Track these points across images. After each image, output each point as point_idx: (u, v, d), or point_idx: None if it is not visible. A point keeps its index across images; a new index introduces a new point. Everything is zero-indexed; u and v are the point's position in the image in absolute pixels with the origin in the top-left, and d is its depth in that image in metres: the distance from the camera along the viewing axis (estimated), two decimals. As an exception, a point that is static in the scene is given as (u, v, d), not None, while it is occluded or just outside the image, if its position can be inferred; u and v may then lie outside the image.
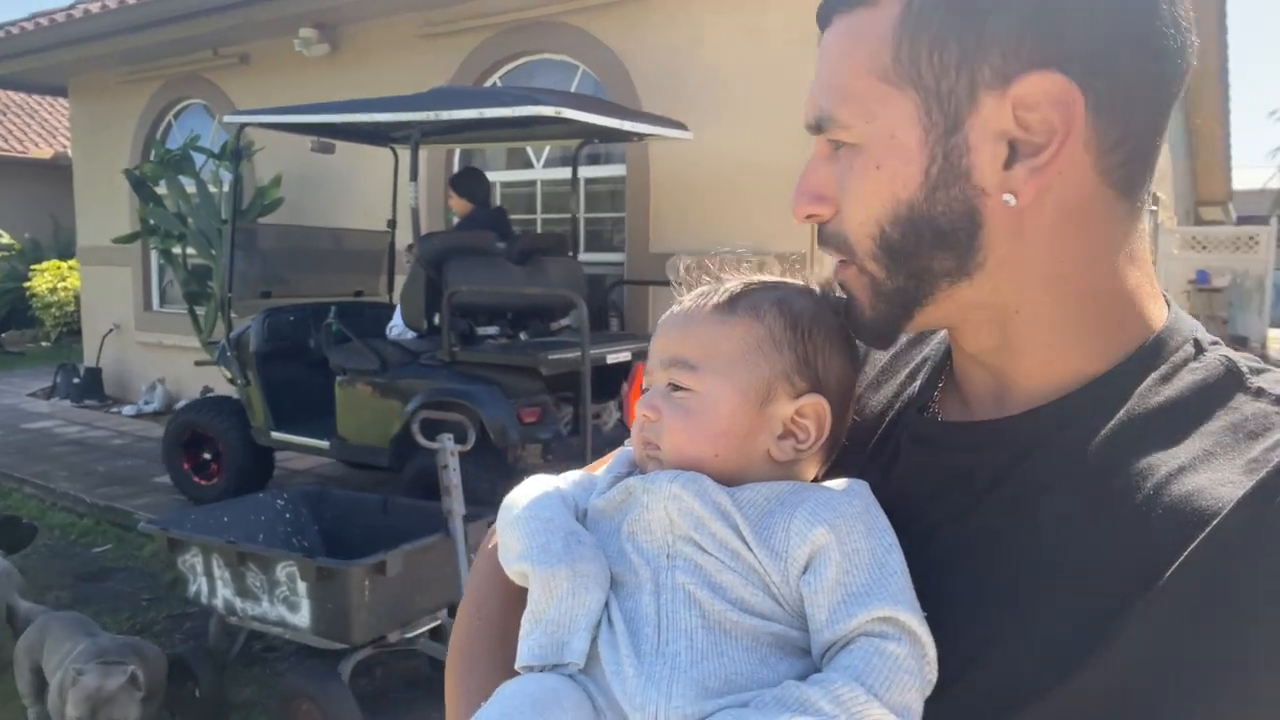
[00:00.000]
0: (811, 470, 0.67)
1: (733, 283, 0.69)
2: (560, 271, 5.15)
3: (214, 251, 6.64)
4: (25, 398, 8.91)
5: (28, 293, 11.83)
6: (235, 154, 5.36)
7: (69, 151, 10.62)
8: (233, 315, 5.20)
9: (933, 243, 0.58)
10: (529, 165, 6.34)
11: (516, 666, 0.62)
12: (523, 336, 4.86)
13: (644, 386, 0.69)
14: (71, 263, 11.25)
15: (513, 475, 3.95)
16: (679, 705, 0.55)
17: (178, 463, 5.46)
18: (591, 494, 0.69)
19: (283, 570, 2.91)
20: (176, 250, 7.19)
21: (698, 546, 0.60)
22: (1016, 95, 0.53)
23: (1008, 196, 0.55)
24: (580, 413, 4.23)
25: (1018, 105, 0.53)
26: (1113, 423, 0.56)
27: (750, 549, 0.59)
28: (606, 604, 0.62)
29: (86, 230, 9.10)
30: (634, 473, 0.67)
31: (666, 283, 0.83)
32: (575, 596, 0.61)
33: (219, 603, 3.11)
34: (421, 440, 3.21)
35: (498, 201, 5.88)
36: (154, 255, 8.16)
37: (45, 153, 15.56)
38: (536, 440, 4.17)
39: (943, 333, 0.70)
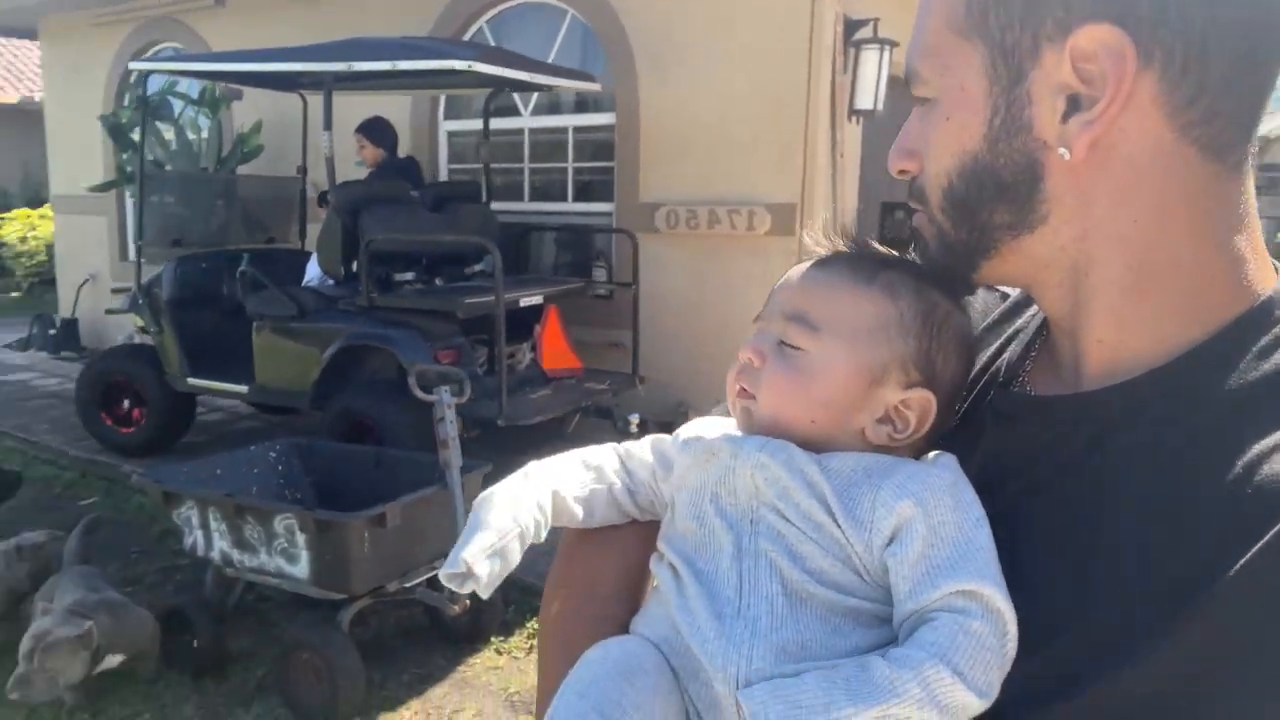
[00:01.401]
0: (906, 455, 0.66)
1: (877, 255, 0.68)
2: (473, 218, 5.26)
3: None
4: (1, 349, 8.77)
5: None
6: (141, 100, 5.53)
7: (36, 96, 10.33)
8: (143, 263, 5.29)
9: (994, 194, 0.58)
10: (516, 113, 6.23)
11: (440, 576, 0.64)
12: (438, 282, 4.99)
13: (755, 330, 0.68)
14: (43, 211, 11.01)
15: (431, 416, 3.68)
16: (760, 667, 0.56)
17: (95, 413, 5.44)
18: (691, 451, 0.68)
19: (281, 523, 2.90)
20: (154, 198, 7.03)
21: (781, 515, 0.61)
22: (1074, 46, 0.53)
23: (1063, 150, 0.55)
24: (495, 353, 4.42)
25: (1076, 57, 0.53)
26: (1201, 399, 0.54)
27: (835, 521, 0.59)
28: (675, 564, 0.64)
29: (59, 178, 8.89)
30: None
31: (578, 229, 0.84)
32: (490, 513, 0.65)
33: (216, 555, 3.10)
34: (418, 393, 3.18)
35: (484, 151, 5.84)
36: (130, 204, 7.99)
37: (12, 97, 15.12)
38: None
39: (1036, 307, 0.70)
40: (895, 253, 0.69)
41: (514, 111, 6.22)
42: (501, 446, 4.21)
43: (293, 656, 2.92)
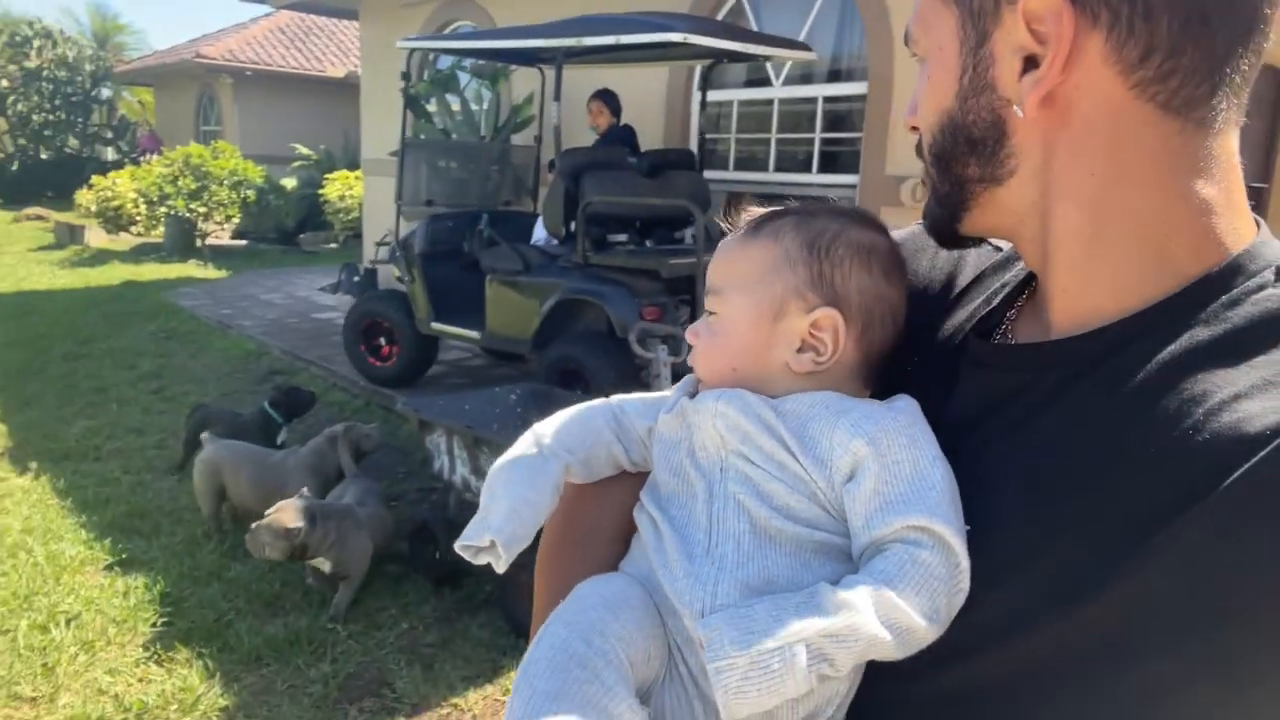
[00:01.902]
0: (851, 386, 0.68)
1: (770, 213, 0.71)
2: (686, 185, 5.44)
3: (471, 165, 7.20)
4: (315, 291, 10.14)
5: (321, 199, 13.33)
6: (405, 76, 6.12)
7: (358, 71, 11.75)
8: (401, 220, 5.92)
9: (966, 149, 0.61)
10: (767, 83, 6.26)
11: (455, 547, 0.67)
12: (649, 244, 5.35)
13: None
14: (358, 173, 12.54)
15: (634, 366, 4.09)
16: (723, 602, 0.59)
17: (356, 347, 6.21)
18: (664, 409, 0.72)
19: (510, 456, 3.23)
20: (441, 163, 7.83)
21: (746, 459, 0.63)
22: (1025, 8, 0.55)
23: (1016, 108, 0.58)
24: (696, 313, 4.62)
25: (1028, 18, 0.55)
26: (1171, 346, 0.55)
27: (796, 459, 0.62)
28: (652, 515, 0.67)
29: (369, 143, 10.09)
30: (695, 393, 0.71)
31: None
32: (503, 487, 0.67)
33: (457, 479, 3.51)
34: (637, 349, 3.39)
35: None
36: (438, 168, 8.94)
37: (339, 72, 17.23)
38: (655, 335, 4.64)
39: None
40: (794, 206, 0.71)
41: (765, 81, 6.26)
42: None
43: (513, 577, 3.26)
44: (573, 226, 5.11)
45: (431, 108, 7.70)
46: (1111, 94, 0.55)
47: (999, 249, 0.76)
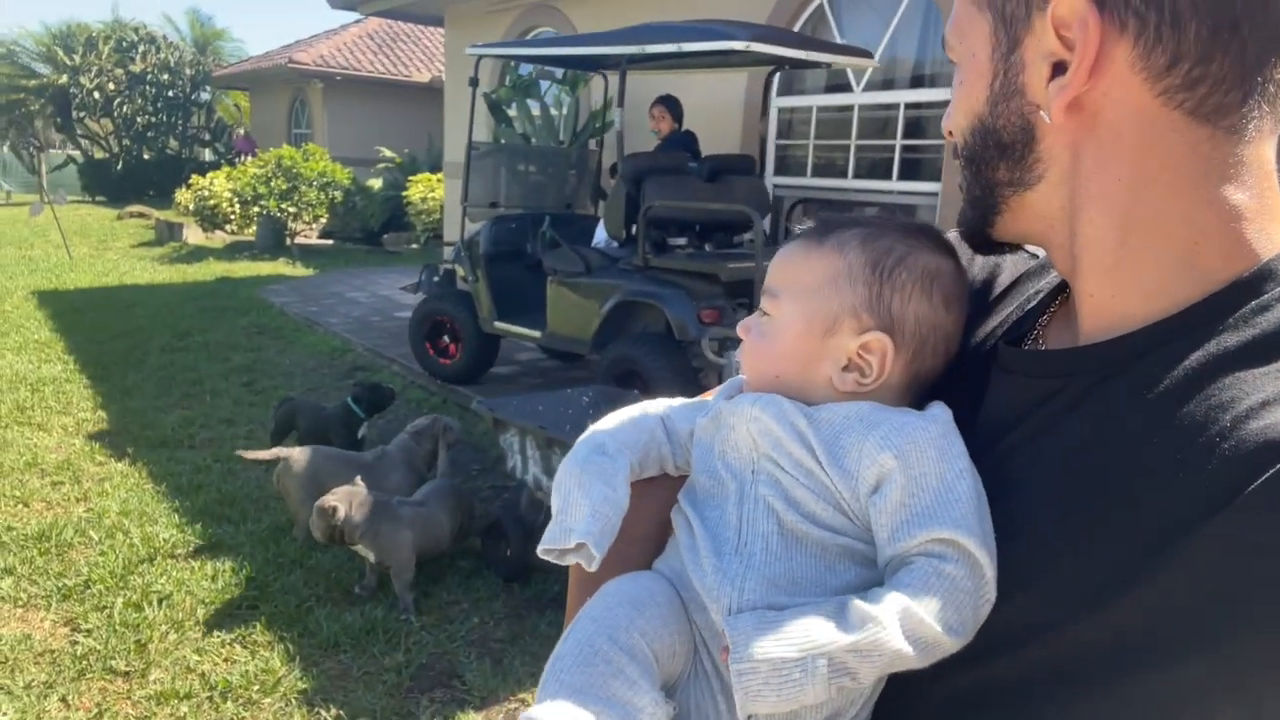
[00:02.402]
0: (892, 402, 0.68)
1: (839, 220, 0.71)
2: (745, 190, 5.52)
3: (534, 169, 7.33)
4: (398, 290, 10.41)
5: (404, 201, 13.68)
6: (473, 81, 6.24)
7: (443, 76, 12.04)
8: (467, 222, 6.05)
9: (996, 154, 0.63)
10: (848, 89, 6.20)
11: (538, 552, 0.68)
12: (708, 248, 5.40)
13: None
14: (439, 176, 12.84)
15: (691, 368, 4.29)
16: (750, 598, 0.60)
17: (422, 344, 6.34)
18: (703, 412, 0.72)
19: (581, 457, 3.28)
20: (520, 168, 7.97)
21: (776, 464, 0.64)
22: (1054, 14, 0.56)
23: (1043, 113, 0.58)
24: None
25: (1057, 24, 0.56)
26: (1198, 352, 0.55)
27: (823, 468, 0.62)
28: (686, 513, 0.68)
29: (452, 147, 10.32)
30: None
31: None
32: (579, 489, 0.68)
33: (529, 478, 3.57)
34: (710, 356, 3.40)
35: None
36: (502, 172, 9.12)
37: (424, 77, 17.65)
38: (713, 338, 4.67)
39: None
40: (868, 215, 0.71)
41: (846, 88, 6.20)
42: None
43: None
44: (634, 230, 5.22)
45: (512, 113, 7.84)
46: (1138, 101, 0.55)
47: (1035, 255, 0.75)
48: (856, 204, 6.13)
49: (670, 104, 6.23)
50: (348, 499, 3.29)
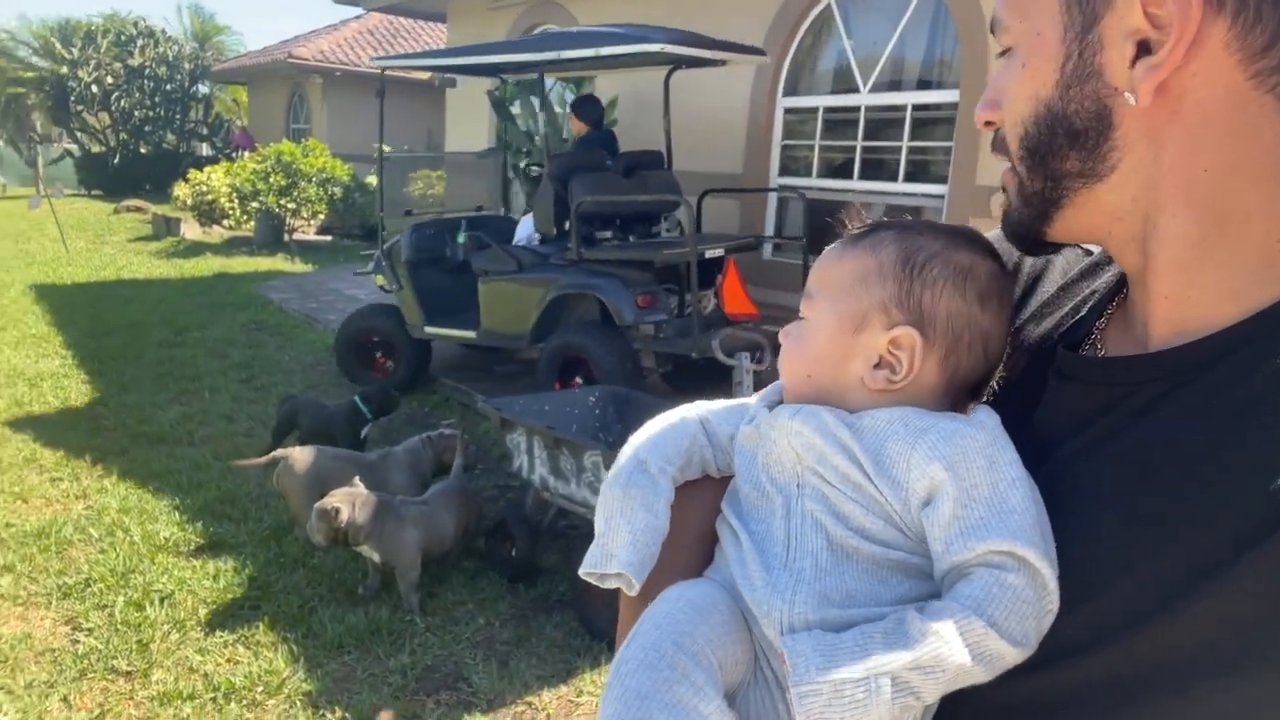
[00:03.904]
0: (931, 406, 0.66)
1: (879, 224, 0.70)
2: (659, 182, 5.90)
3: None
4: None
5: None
6: (379, 92, 6.42)
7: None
8: (383, 232, 6.26)
9: (1066, 142, 0.58)
10: (855, 90, 6.18)
11: (580, 573, 0.67)
12: (631, 239, 5.73)
13: None
14: (439, 173, 12.80)
15: (631, 351, 4.73)
16: (801, 611, 0.59)
17: (350, 362, 6.32)
18: (742, 420, 0.72)
19: (589, 458, 3.25)
20: (523, 164, 7.94)
21: (822, 479, 0.63)
22: None
23: (1128, 95, 0.54)
24: (685, 299, 5.19)
25: (1146, 1, 0.52)
26: (1273, 359, 0.52)
27: (871, 480, 0.61)
28: (733, 526, 0.67)
29: (454, 143, 10.29)
30: (779, 402, 0.70)
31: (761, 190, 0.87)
32: (621, 515, 0.67)
33: (536, 478, 3.54)
34: (721, 357, 3.38)
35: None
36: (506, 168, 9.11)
37: (424, 73, 17.58)
38: (649, 321, 5.09)
39: (1116, 267, 0.67)
40: (904, 220, 0.70)
41: (853, 89, 6.18)
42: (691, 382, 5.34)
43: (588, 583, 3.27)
44: (565, 226, 5.51)
45: (516, 110, 7.81)
46: (1231, 83, 0.52)
47: (1089, 252, 0.73)
48: (862, 206, 6.11)
49: (580, 108, 6.44)
50: (350, 500, 3.25)
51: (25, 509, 4.21)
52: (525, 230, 6.14)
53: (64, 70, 22.02)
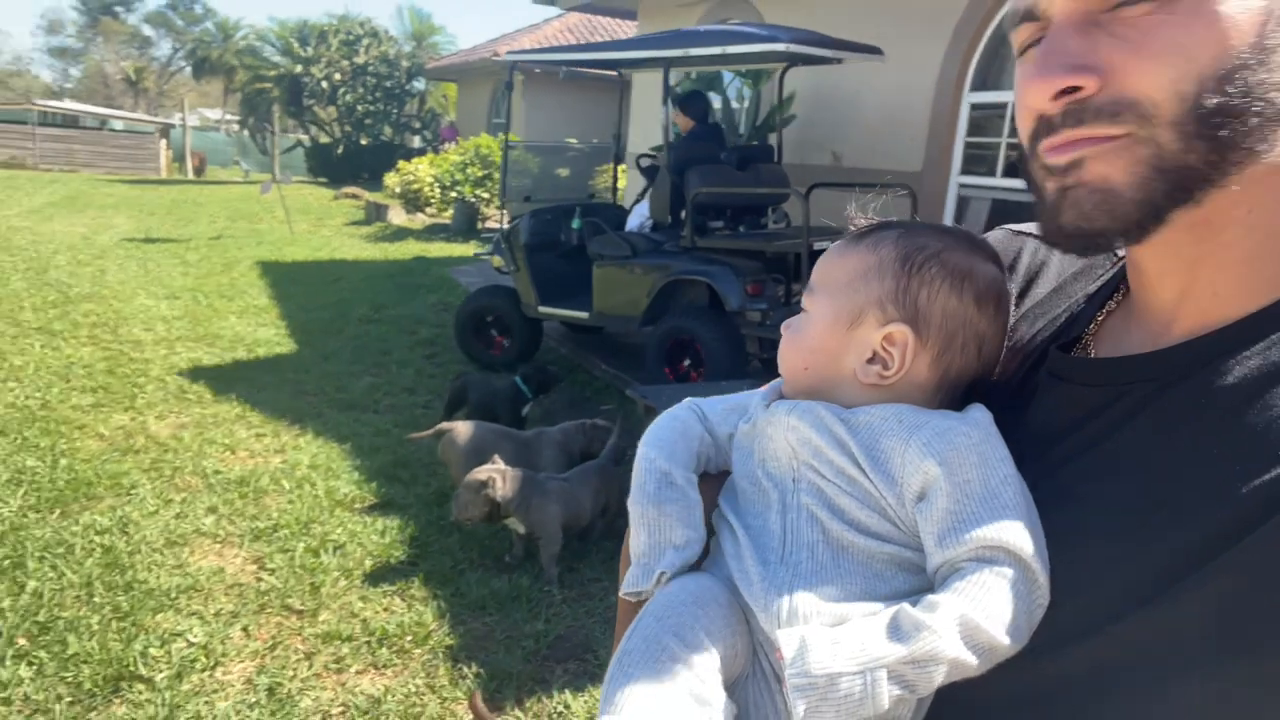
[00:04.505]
0: (922, 403, 0.66)
1: (885, 222, 0.70)
2: (770, 175, 6.24)
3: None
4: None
5: (590, 189, 14.06)
6: (507, 86, 6.96)
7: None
8: (504, 217, 6.72)
9: (1256, 112, 0.50)
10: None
11: (621, 594, 0.68)
12: (741, 229, 5.98)
13: None
14: (623, 166, 13.10)
15: (739, 337, 5.09)
16: (797, 606, 0.60)
17: (469, 338, 6.67)
18: (744, 418, 0.73)
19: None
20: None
21: (818, 473, 0.64)
22: None
23: None
24: (791, 288, 5.45)
25: None
26: (1256, 360, 0.52)
27: (866, 474, 0.62)
28: (730, 521, 0.68)
29: (636, 138, 10.52)
30: (779, 398, 0.71)
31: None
32: (662, 533, 0.68)
33: (676, 466, 3.62)
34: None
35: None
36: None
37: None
38: (757, 309, 5.32)
39: (1113, 269, 0.66)
40: (907, 221, 0.69)
41: (996, 85, 5.84)
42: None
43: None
44: (680, 215, 5.80)
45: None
46: None
47: (1082, 256, 0.71)
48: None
49: (686, 103, 6.63)
50: (500, 474, 3.45)
51: (232, 459, 4.74)
52: (637, 219, 6.48)
53: (298, 68, 24.25)
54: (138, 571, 3.47)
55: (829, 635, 0.56)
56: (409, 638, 3.15)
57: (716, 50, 5.52)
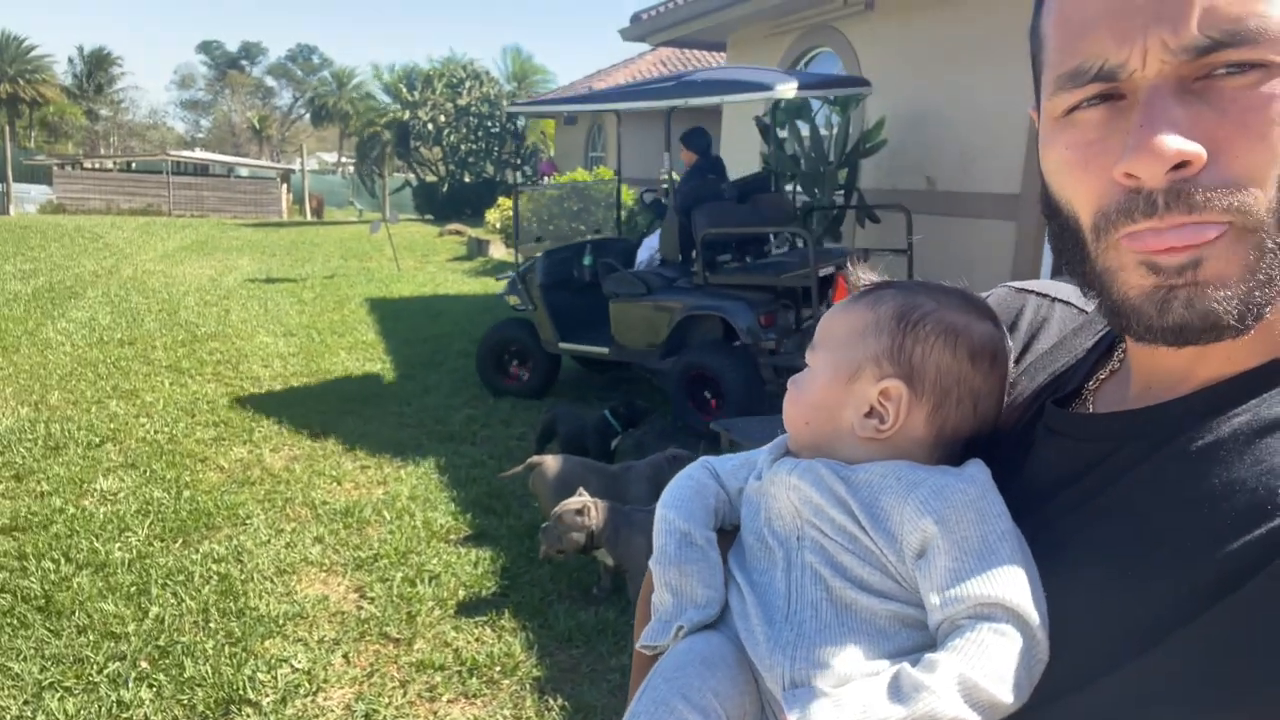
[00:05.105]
0: (919, 458, 0.67)
1: (889, 282, 0.73)
2: (771, 205, 6.59)
3: (816, 191, 7.31)
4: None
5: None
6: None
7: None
8: (518, 257, 7.01)
9: None
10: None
11: (637, 648, 0.71)
12: (747, 259, 6.26)
13: None
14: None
15: (755, 367, 5.38)
16: (803, 666, 0.61)
17: (490, 369, 6.89)
18: (753, 473, 0.75)
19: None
20: (788, 189, 8.02)
21: (820, 531, 0.66)
22: None
23: None
24: (801, 315, 5.88)
25: None
26: (1244, 416, 0.52)
27: (867, 532, 0.63)
28: (737, 578, 0.70)
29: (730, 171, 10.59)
30: (784, 455, 0.72)
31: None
32: (684, 593, 0.70)
33: (761, 500, 3.61)
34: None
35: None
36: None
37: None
38: (770, 339, 5.61)
39: (1107, 327, 0.66)
40: (908, 281, 0.71)
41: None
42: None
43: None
44: (690, 253, 6.13)
45: (783, 134, 7.90)
46: None
47: (1083, 311, 0.72)
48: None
49: (688, 139, 6.90)
50: (592, 504, 3.52)
51: (339, 490, 4.97)
52: (646, 252, 6.75)
53: (405, 114, 25.36)
54: (250, 599, 3.68)
55: (831, 697, 0.57)
56: (498, 668, 3.23)
57: (716, 100, 6.07)
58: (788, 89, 5.76)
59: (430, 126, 25.17)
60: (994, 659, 0.56)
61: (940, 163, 6.99)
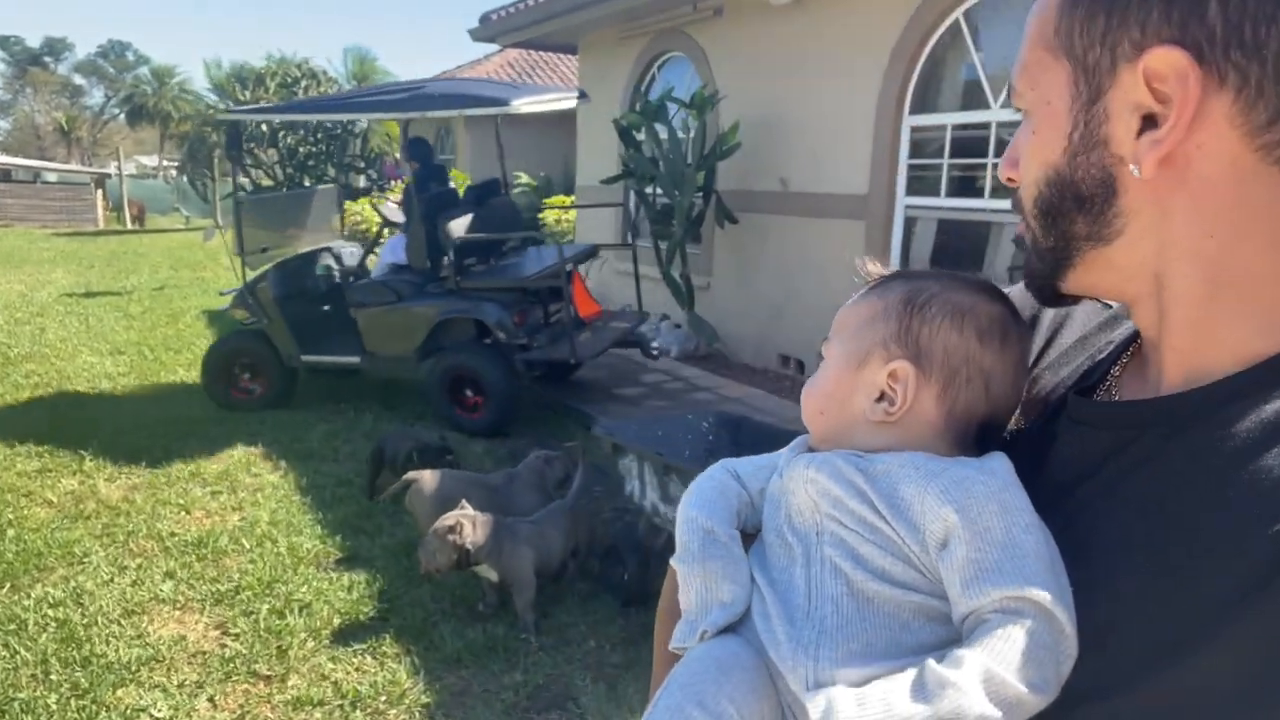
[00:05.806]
0: (939, 446, 0.67)
1: (899, 272, 0.74)
2: (502, 209, 7.06)
3: (676, 193, 7.40)
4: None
5: (540, 223, 14.09)
6: (232, 145, 7.44)
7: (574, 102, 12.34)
8: (244, 270, 6.55)
9: (1073, 206, 0.60)
10: (986, 106, 5.97)
11: (670, 648, 0.70)
12: (492, 262, 6.70)
13: None
14: (574, 199, 13.15)
15: (513, 363, 5.80)
16: (825, 666, 0.60)
17: (220, 384, 6.63)
18: (776, 472, 0.74)
19: (697, 485, 3.28)
20: (648, 190, 8.07)
21: (840, 523, 0.65)
22: (1147, 67, 0.54)
23: (1133, 166, 0.56)
24: (549, 311, 6.47)
25: (1149, 77, 0.54)
26: (1272, 405, 0.53)
27: (888, 522, 0.62)
28: (756, 578, 0.69)
29: (584, 171, 10.58)
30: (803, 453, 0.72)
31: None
32: (707, 590, 0.69)
33: (647, 503, 3.60)
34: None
35: (947, 145, 5.79)
36: (631, 195, 9.27)
37: (560, 104, 18.10)
38: (522, 336, 6.01)
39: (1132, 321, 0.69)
40: (916, 270, 0.73)
41: (984, 105, 5.98)
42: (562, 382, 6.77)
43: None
44: (438, 259, 6.32)
45: (641, 137, 7.95)
46: (1235, 155, 0.54)
47: (1108, 306, 0.74)
48: (994, 224, 5.91)
49: (410, 149, 7.07)
50: (469, 520, 3.39)
51: (188, 519, 4.61)
52: (386, 258, 7.00)
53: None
54: (95, 645, 3.34)
55: (854, 696, 0.56)
56: (383, 698, 3.07)
57: (416, 115, 6.40)
58: (481, 109, 6.32)
59: (264, 127, 23.87)
60: (1020, 655, 0.55)
61: (792, 165, 7.21)
